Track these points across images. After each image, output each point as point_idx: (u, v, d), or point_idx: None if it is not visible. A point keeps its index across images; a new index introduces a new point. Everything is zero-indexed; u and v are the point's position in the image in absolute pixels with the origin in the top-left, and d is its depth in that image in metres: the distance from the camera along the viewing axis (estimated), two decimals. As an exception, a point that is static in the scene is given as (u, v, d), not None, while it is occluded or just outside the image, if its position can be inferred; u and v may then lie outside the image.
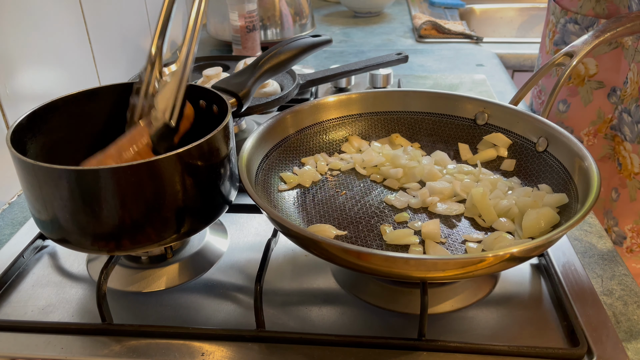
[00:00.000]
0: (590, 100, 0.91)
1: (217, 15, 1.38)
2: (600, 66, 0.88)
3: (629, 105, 0.85)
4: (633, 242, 0.91)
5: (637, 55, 0.82)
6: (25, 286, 0.60)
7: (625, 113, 0.86)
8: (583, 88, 0.92)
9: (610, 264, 0.63)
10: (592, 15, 0.88)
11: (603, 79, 0.89)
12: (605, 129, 0.90)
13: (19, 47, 0.79)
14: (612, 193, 0.92)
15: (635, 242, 0.91)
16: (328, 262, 0.51)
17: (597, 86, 0.90)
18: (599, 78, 0.89)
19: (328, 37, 0.83)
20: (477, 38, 1.50)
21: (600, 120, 0.90)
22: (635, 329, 0.54)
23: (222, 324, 0.55)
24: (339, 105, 0.75)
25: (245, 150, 0.61)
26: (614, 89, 0.87)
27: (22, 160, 0.49)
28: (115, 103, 0.66)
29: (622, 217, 0.91)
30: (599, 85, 0.89)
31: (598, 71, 0.89)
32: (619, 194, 0.90)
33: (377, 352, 0.51)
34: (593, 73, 0.90)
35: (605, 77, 0.89)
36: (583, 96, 0.92)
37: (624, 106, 0.85)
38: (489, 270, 0.49)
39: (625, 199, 0.90)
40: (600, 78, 0.89)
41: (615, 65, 0.87)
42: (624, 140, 0.87)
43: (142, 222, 0.52)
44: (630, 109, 0.85)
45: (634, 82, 0.83)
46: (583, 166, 0.58)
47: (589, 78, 0.90)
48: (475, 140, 0.73)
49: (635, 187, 0.88)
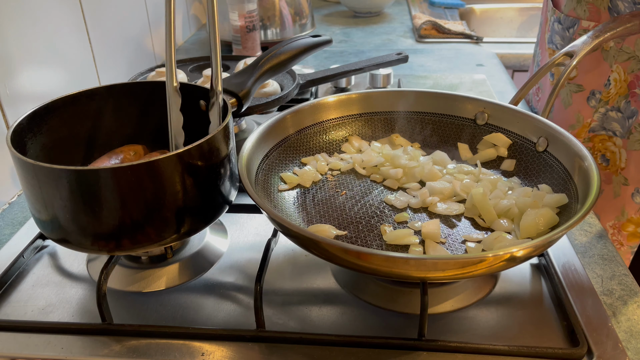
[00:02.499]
0: (569, 103, 0.91)
1: (217, 16, 1.38)
2: (579, 69, 0.88)
3: (617, 103, 0.84)
4: (614, 238, 0.92)
5: (620, 56, 0.82)
6: (25, 286, 0.60)
7: (612, 111, 0.85)
8: (563, 90, 0.91)
9: (610, 264, 0.63)
10: (574, 16, 0.88)
11: (582, 82, 0.88)
12: (584, 134, 0.90)
13: (19, 47, 0.79)
14: None
15: (616, 239, 0.92)
16: (328, 262, 0.52)
17: (576, 89, 0.89)
18: (579, 81, 0.89)
19: (328, 37, 0.83)
20: (477, 38, 1.50)
21: (579, 125, 0.90)
22: (635, 329, 0.54)
23: (222, 324, 0.55)
24: (339, 105, 0.75)
25: (245, 150, 0.61)
26: (593, 92, 0.87)
27: (22, 160, 0.49)
28: (115, 103, 0.66)
29: (604, 213, 0.92)
30: (579, 88, 0.89)
31: (577, 74, 0.88)
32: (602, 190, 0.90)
33: (377, 352, 0.51)
34: (572, 76, 0.89)
35: (585, 80, 0.88)
36: (563, 98, 0.92)
37: (611, 106, 0.85)
38: (489, 270, 0.49)
39: (609, 195, 0.91)
40: (579, 81, 0.89)
41: (594, 67, 0.86)
42: (614, 136, 0.87)
43: (142, 222, 0.52)
44: (619, 106, 0.84)
45: (621, 80, 0.83)
46: (583, 166, 0.58)
47: (569, 81, 0.90)
48: (476, 140, 0.73)
49: (620, 183, 0.88)
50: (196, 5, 1.64)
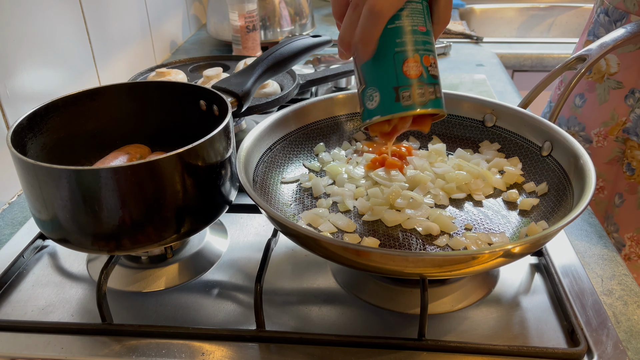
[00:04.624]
0: (606, 99, 0.87)
1: (217, 15, 1.38)
2: (622, 65, 0.85)
3: None
4: (631, 250, 0.89)
5: None
6: (25, 286, 0.60)
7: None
8: (601, 85, 0.88)
9: (610, 264, 0.63)
10: (622, 9, 0.83)
11: (623, 79, 0.85)
12: (617, 132, 0.87)
13: (19, 47, 0.79)
14: (616, 198, 0.89)
15: (633, 251, 0.88)
16: (327, 260, 0.52)
17: (615, 86, 0.86)
18: (619, 78, 0.86)
19: (328, 37, 0.83)
20: (477, 38, 1.50)
21: (612, 122, 0.87)
22: (635, 329, 0.54)
23: (222, 324, 0.55)
24: (340, 103, 0.75)
25: (244, 149, 0.61)
26: (633, 91, 0.84)
27: (23, 160, 0.49)
28: (115, 103, 0.66)
29: (624, 224, 0.88)
30: (618, 85, 0.86)
31: (619, 70, 0.85)
32: (623, 200, 0.87)
33: (377, 352, 0.51)
34: (614, 71, 0.86)
35: (626, 77, 0.85)
36: (600, 94, 0.88)
37: None
38: (486, 266, 0.49)
39: (631, 206, 0.87)
40: (620, 78, 0.85)
41: (638, 66, 0.83)
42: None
43: (142, 222, 0.52)
44: None
45: None
46: (579, 164, 0.58)
47: (608, 76, 0.87)
48: (480, 140, 0.73)
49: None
50: (196, 5, 1.64)
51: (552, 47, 1.46)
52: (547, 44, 1.50)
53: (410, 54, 0.49)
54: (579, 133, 0.93)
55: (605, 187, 0.91)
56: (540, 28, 1.93)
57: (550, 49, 1.45)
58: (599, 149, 0.90)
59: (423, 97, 0.49)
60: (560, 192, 0.61)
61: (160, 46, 1.34)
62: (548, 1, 1.91)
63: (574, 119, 0.93)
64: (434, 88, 0.50)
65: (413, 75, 0.49)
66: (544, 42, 1.53)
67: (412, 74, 0.49)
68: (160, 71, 0.89)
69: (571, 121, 0.94)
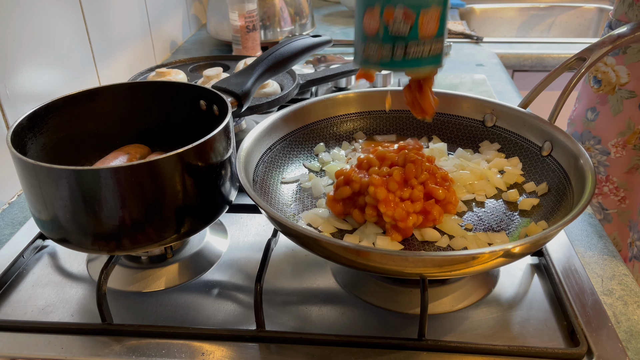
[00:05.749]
0: (620, 110, 0.88)
1: (217, 15, 1.38)
2: (632, 75, 0.85)
3: None
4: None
5: None
6: (25, 286, 0.60)
7: None
8: (613, 97, 0.88)
9: (610, 264, 0.63)
10: (625, 20, 0.84)
11: (634, 89, 0.85)
12: (634, 140, 0.87)
13: (19, 47, 0.79)
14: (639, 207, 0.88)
15: None
16: (327, 260, 0.52)
17: (628, 95, 0.86)
18: (631, 87, 0.86)
19: (328, 37, 0.83)
20: (477, 38, 1.50)
21: (630, 131, 0.87)
22: (635, 329, 0.54)
23: (222, 324, 0.55)
24: (339, 103, 0.75)
25: (244, 149, 0.61)
26: None
27: (23, 160, 0.49)
28: (115, 103, 0.66)
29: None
30: (630, 94, 0.86)
31: (630, 80, 0.86)
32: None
33: (377, 352, 0.51)
34: (624, 82, 0.86)
35: (637, 86, 0.85)
36: (612, 105, 0.88)
37: None
38: (486, 266, 0.49)
39: None
40: (631, 87, 0.86)
41: None
42: None
43: (142, 222, 0.52)
44: None
45: None
46: (579, 164, 0.58)
47: (620, 87, 0.87)
48: (480, 140, 0.73)
49: None
50: (196, 5, 1.64)
51: (552, 47, 1.46)
52: (547, 44, 1.50)
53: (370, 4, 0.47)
54: (595, 146, 0.92)
55: (627, 196, 0.91)
56: (540, 28, 1.93)
57: (550, 49, 1.45)
58: (617, 159, 0.90)
59: (374, 56, 0.49)
60: (560, 192, 0.61)
61: (160, 46, 1.34)
62: (548, 1, 1.91)
63: (587, 133, 0.93)
64: (391, 46, 0.48)
65: (369, 32, 0.48)
66: (544, 42, 1.53)
67: (368, 30, 0.48)
68: (160, 71, 0.89)
69: (585, 136, 0.94)
